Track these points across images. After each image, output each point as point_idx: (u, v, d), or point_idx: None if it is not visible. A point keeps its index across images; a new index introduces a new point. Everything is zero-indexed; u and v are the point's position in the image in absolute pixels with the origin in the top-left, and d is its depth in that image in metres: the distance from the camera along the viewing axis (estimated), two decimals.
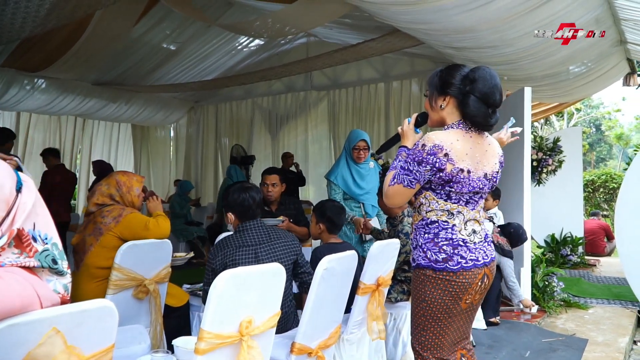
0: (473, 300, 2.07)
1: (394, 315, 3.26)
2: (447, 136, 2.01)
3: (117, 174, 2.96)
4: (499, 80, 2.05)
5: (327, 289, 2.27)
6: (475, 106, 2.00)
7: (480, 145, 2.07)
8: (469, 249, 2.02)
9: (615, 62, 6.96)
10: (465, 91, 2.02)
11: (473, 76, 2.01)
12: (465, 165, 1.99)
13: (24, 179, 1.25)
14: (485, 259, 2.06)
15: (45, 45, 6.64)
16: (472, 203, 2.07)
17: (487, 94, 1.99)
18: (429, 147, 1.98)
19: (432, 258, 2.02)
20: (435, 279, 2.02)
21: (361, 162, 4.25)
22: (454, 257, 2.00)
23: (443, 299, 2.01)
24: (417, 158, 1.99)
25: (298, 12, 5.41)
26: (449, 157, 1.97)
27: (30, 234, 1.20)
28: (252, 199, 2.60)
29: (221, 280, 1.64)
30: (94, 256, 2.73)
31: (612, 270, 7.51)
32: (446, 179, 1.99)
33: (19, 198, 1.19)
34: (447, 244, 2.02)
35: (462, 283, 2.00)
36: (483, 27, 4.66)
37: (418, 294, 2.08)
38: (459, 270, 2.00)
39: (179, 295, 3.14)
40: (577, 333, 4.37)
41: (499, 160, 2.15)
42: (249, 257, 2.47)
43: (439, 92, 2.10)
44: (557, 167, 7.38)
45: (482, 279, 2.05)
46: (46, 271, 1.23)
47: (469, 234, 2.05)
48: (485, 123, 2.03)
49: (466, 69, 2.07)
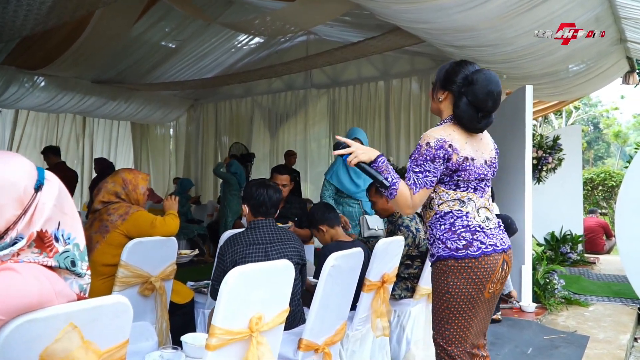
0: (495, 290, 2.09)
1: (398, 313, 3.27)
2: (444, 130, 2.08)
3: (123, 172, 2.96)
4: (498, 87, 2.06)
5: (334, 286, 2.28)
6: (464, 109, 2.06)
7: (475, 136, 2.15)
8: (486, 235, 2.05)
9: (614, 61, 6.98)
10: (460, 91, 2.07)
11: (471, 79, 2.05)
12: (467, 153, 2.06)
13: (48, 178, 1.24)
14: (503, 245, 2.09)
15: (45, 44, 6.64)
16: (479, 190, 2.12)
17: (480, 99, 2.03)
18: (433, 143, 2.03)
19: (453, 247, 2.03)
20: (458, 268, 2.02)
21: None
22: (473, 242, 2.02)
23: (467, 287, 2.01)
24: (429, 156, 2.02)
25: (299, 10, 5.42)
26: (453, 147, 2.03)
27: (52, 235, 1.21)
28: (268, 196, 2.60)
29: (232, 277, 1.65)
30: (100, 254, 2.74)
31: (612, 268, 7.53)
32: (453, 169, 2.04)
33: (37, 197, 1.19)
34: (465, 231, 2.04)
35: (485, 269, 2.01)
36: (483, 25, 4.68)
37: (440, 286, 2.07)
38: (480, 255, 2.01)
39: (184, 293, 3.15)
40: (578, 330, 4.39)
41: (494, 147, 2.24)
42: (259, 255, 2.47)
43: (441, 85, 2.16)
44: (557, 165, 7.38)
45: (502, 266, 2.07)
46: (64, 271, 1.24)
47: (484, 220, 2.08)
48: (470, 126, 2.09)
49: (470, 68, 2.10)
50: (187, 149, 11.14)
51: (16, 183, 1.15)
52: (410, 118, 8.14)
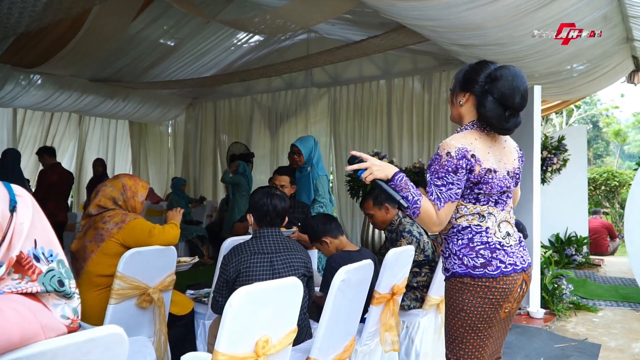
0: (511, 309, 1.98)
1: (407, 323, 3.15)
2: (464, 138, 1.93)
3: (124, 177, 2.86)
4: (525, 82, 1.92)
5: (343, 301, 2.15)
6: (490, 107, 1.90)
7: (498, 143, 2.00)
8: (507, 253, 1.92)
9: (620, 60, 6.88)
10: (484, 90, 1.92)
11: (495, 75, 1.91)
12: (490, 164, 1.92)
13: (18, 193, 1.10)
14: (523, 264, 1.96)
15: (41, 41, 6.50)
16: (500, 203, 1.98)
17: (506, 95, 1.88)
18: (454, 152, 1.88)
19: (470, 264, 1.91)
20: (474, 287, 1.90)
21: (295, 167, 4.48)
22: (492, 261, 1.89)
23: (483, 307, 1.89)
24: (451, 167, 1.87)
25: (300, 8, 5.29)
26: (476, 157, 1.89)
27: (30, 255, 1.08)
28: (272, 206, 2.48)
29: (237, 298, 1.52)
30: (95, 264, 2.62)
31: (617, 270, 7.44)
32: (474, 181, 1.90)
33: (14, 219, 1.06)
34: (484, 248, 1.91)
35: (503, 289, 1.89)
36: (491, 24, 4.56)
37: (455, 303, 1.95)
38: (498, 275, 1.88)
39: (184, 303, 3.02)
40: (588, 338, 4.28)
41: (519, 156, 2.09)
42: (264, 265, 2.34)
43: (461, 87, 2.01)
44: (562, 166, 7.26)
45: (521, 285, 1.95)
46: (53, 295, 1.10)
47: (504, 237, 1.95)
48: (499, 126, 1.93)
49: (492, 66, 1.97)
50: (185, 147, 10.99)
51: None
52: (413, 117, 8.02)
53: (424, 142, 7.85)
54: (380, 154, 6.17)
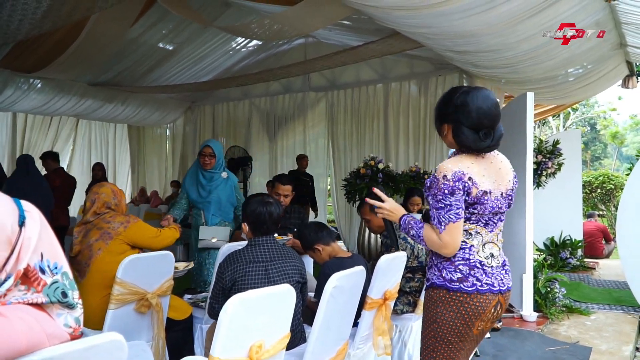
0: (484, 327, 2.03)
1: (400, 327, 3.21)
2: (460, 161, 1.98)
3: (107, 185, 3.05)
4: (488, 101, 1.97)
5: (335, 306, 2.22)
6: (464, 134, 1.97)
7: (493, 165, 2.05)
8: (485, 272, 1.97)
9: (614, 65, 6.95)
10: (455, 119, 2.00)
11: (458, 103, 1.98)
12: (486, 186, 1.97)
13: (27, 208, 1.16)
14: (501, 287, 2.00)
15: (41, 46, 6.56)
16: (490, 225, 2.03)
17: (473, 120, 1.95)
18: (450, 175, 1.94)
19: (447, 277, 1.98)
20: (448, 300, 1.97)
21: (207, 169, 4.22)
22: (469, 278, 1.96)
23: (455, 321, 1.96)
24: (448, 190, 1.93)
25: (299, 14, 5.34)
26: (473, 180, 1.94)
27: (37, 268, 1.14)
28: (268, 214, 2.53)
29: (231, 305, 1.58)
30: (102, 262, 2.73)
31: (611, 273, 7.50)
32: (470, 202, 1.96)
33: (22, 233, 1.12)
34: (463, 264, 1.97)
35: (476, 306, 1.95)
36: (484, 31, 4.63)
37: (430, 314, 2.03)
38: (473, 292, 1.95)
39: (182, 308, 3.08)
40: (580, 341, 4.34)
41: (513, 178, 2.12)
42: (259, 273, 2.41)
43: (439, 120, 2.09)
44: (556, 170, 7.34)
45: (495, 306, 1.99)
46: (56, 305, 1.17)
47: (487, 257, 2.00)
48: (476, 148, 1.99)
49: (456, 95, 2.01)
50: (183, 151, 11.06)
51: (3, 224, 1.08)
52: (409, 121, 8.08)
53: (420, 146, 7.92)
54: (376, 159, 6.23)
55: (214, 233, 4.14)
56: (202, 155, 4.22)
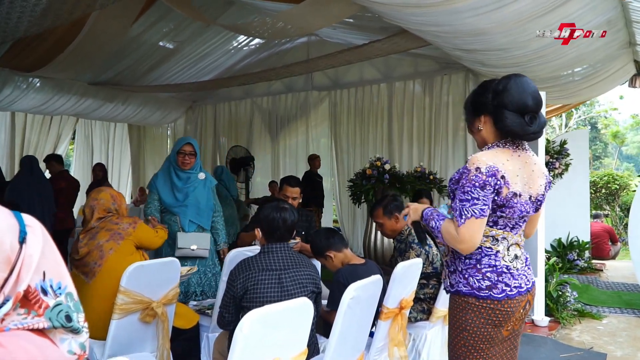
0: (515, 326, 1.95)
1: (413, 336, 3.10)
2: (495, 156, 1.86)
3: (105, 189, 3.02)
4: (531, 84, 1.89)
5: (353, 318, 2.11)
6: (509, 119, 1.85)
7: (528, 166, 1.92)
8: (512, 276, 1.89)
9: (622, 64, 6.86)
10: (495, 105, 1.88)
11: (499, 88, 1.88)
12: (518, 188, 1.86)
13: (28, 223, 1.04)
14: (527, 285, 1.94)
15: (40, 45, 6.44)
16: (516, 228, 1.95)
17: (518, 102, 1.84)
18: (484, 169, 1.81)
19: (475, 285, 1.88)
20: (479, 307, 1.88)
21: (186, 169, 3.78)
22: (498, 284, 1.87)
23: (486, 327, 1.88)
24: (479, 182, 1.81)
25: (303, 13, 5.23)
26: (505, 179, 1.83)
27: (38, 288, 1.02)
28: (282, 220, 2.41)
29: (247, 323, 1.47)
30: (112, 261, 2.69)
31: (619, 274, 7.40)
32: (499, 204, 1.85)
33: (23, 251, 1.00)
34: (490, 271, 1.88)
35: (506, 311, 1.88)
36: (496, 29, 4.53)
37: (458, 322, 1.92)
38: (503, 298, 1.87)
39: (188, 316, 2.97)
40: (594, 347, 4.23)
41: (546, 182, 2.01)
42: (272, 282, 2.28)
43: (474, 113, 1.98)
44: (564, 170, 7.23)
45: (524, 306, 1.94)
46: (60, 329, 1.05)
47: (512, 260, 1.92)
48: (523, 133, 1.87)
49: (494, 83, 1.93)
50: None
51: (2, 241, 0.96)
52: (413, 121, 7.98)
53: (424, 146, 7.82)
54: (382, 160, 6.11)
55: (193, 241, 3.70)
56: (180, 154, 3.77)
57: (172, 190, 3.78)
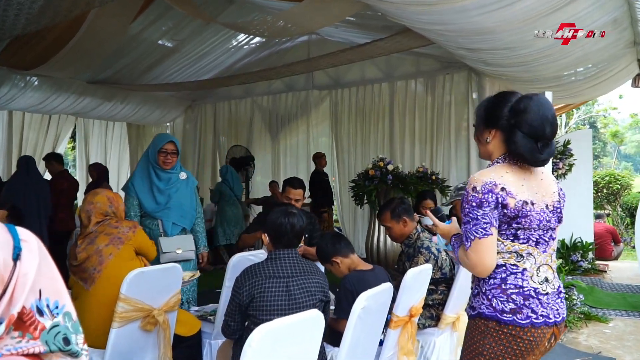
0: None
1: (422, 343, 3.02)
2: (494, 172, 1.79)
3: (102, 192, 2.94)
4: (552, 109, 1.80)
5: (363, 327, 2.04)
6: (521, 142, 1.76)
7: (534, 175, 1.84)
8: (541, 303, 1.77)
9: (626, 64, 6.80)
10: (511, 124, 1.79)
11: (519, 108, 1.78)
12: (526, 196, 1.77)
13: (23, 237, 0.96)
14: (556, 317, 1.80)
15: (38, 43, 6.35)
16: (542, 244, 1.82)
17: (536, 127, 1.75)
18: (480, 187, 1.75)
19: (499, 307, 1.76)
20: (499, 333, 1.75)
21: (167, 169, 3.58)
22: (523, 309, 1.74)
23: (505, 356, 1.75)
24: (476, 202, 1.75)
25: (305, 12, 5.15)
26: (507, 190, 1.75)
27: (33, 309, 0.94)
28: (290, 225, 2.32)
29: (257, 339, 1.39)
30: (112, 266, 2.60)
31: (623, 276, 7.34)
32: (512, 215, 1.75)
33: (17, 269, 0.91)
34: (516, 293, 1.76)
35: (529, 341, 1.74)
36: (502, 28, 4.46)
37: (475, 345, 1.81)
38: (527, 326, 1.73)
39: (190, 323, 2.89)
40: (602, 351, 4.17)
41: (558, 190, 1.92)
42: (279, 289, 2.20)
43: (485, 124, 1.89)
44: (567, 170, 7.17)
45: (549, 339, 1.80)
46: (57, 353, 0.97)
47: (541, 282, 1.79)
48: (532, 159, 1.79)
49: (513, 98, 1.83)
50: (184, 150, 10.83)
51: None
52: (415, 121, 7.91)
53: (426, 146, 7.74)
54: (385, 160, 6.03)
55: (178, 243, 3.53)
56: (162, 153, 3.55)
57: (152, 191, 3.58)
